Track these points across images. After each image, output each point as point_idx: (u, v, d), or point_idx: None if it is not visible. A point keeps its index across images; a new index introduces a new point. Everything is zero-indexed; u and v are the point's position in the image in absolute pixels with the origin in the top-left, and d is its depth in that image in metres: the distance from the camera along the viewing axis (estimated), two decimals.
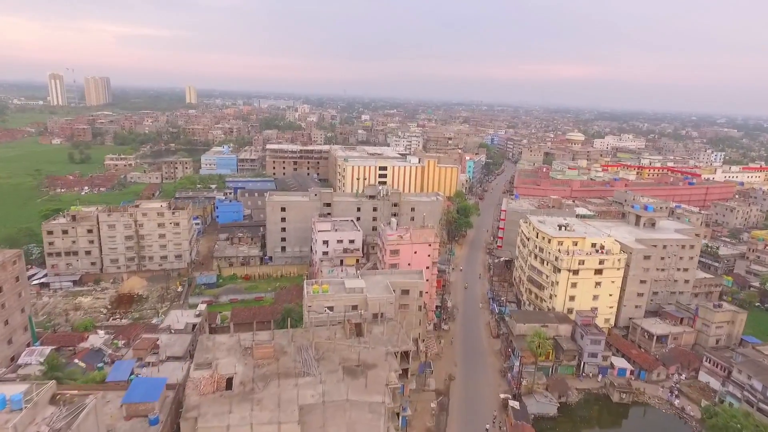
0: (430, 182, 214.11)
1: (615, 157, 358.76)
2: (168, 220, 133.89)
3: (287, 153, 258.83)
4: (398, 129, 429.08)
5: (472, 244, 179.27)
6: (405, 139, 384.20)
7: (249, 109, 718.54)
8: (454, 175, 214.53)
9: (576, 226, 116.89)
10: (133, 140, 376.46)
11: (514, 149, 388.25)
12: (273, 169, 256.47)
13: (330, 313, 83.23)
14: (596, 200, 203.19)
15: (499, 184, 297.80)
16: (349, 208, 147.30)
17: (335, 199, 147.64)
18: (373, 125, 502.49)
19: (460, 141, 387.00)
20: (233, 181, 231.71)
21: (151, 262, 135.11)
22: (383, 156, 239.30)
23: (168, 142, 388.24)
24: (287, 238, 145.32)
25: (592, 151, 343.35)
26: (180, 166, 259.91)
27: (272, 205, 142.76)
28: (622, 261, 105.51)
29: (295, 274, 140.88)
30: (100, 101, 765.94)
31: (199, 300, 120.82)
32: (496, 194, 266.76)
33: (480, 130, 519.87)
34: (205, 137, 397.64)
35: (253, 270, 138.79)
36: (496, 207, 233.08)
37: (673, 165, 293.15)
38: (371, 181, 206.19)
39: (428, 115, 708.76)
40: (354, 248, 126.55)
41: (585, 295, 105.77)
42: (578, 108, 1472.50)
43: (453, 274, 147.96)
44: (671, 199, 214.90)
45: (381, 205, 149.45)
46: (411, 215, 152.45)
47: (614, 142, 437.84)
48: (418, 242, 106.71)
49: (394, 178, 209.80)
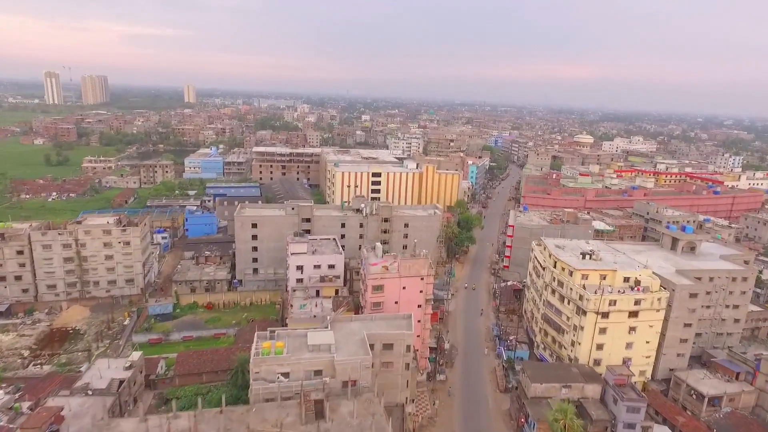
0: (428, 190, 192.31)
1: (627, 161, 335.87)
2: (116, 238, 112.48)
3: (275, 156, 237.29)
4: (398, 130, 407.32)
5: (475, 261, 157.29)
6: (405, 141, 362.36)
7: (247, 108, 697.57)
8: (455, 182, 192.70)
9: (603, 253, 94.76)
10: (119, 141, 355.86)
11: (520, 152, 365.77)
12: (260, 173, 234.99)
13: (284, 382, 61.72)
14: (613, 212, 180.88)
15: (504, 190, 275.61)
16: (332, 224, 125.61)
17: (316, 214, 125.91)
18: (373, 126, 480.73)
19: (463, 143, 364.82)
20: (214, 188, 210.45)
21: (96, 288, 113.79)
22: (378, 160, 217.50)
23: (156, 143, 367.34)
24: (260, 259, 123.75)
25: (602, 155, 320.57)
26: (160, 170, 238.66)
27: (241, 221, 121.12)
28: (663, 300, 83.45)
29: (267, 301, 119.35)
30: (98, 100, 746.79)
31: (146, 337, 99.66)
32: (501, 201, 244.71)
33: (483, 132, 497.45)
34: (195, 138, 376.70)
35: (217, 297, 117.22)
36: (501, 217, 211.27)
37: (692, 171, 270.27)
38: (363, 189, 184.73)
39: (430, 116, 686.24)
40: (334, 275, 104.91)
41: (616, 343, 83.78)
42: (582, 109, 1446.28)
43: (453, 300, 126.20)
44: (695, 209, 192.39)
45: (369, 221, 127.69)
46: (404, 232, 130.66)
47: (624, 144, 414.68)
48: (408, 275, 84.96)
49: (388, 185, 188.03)
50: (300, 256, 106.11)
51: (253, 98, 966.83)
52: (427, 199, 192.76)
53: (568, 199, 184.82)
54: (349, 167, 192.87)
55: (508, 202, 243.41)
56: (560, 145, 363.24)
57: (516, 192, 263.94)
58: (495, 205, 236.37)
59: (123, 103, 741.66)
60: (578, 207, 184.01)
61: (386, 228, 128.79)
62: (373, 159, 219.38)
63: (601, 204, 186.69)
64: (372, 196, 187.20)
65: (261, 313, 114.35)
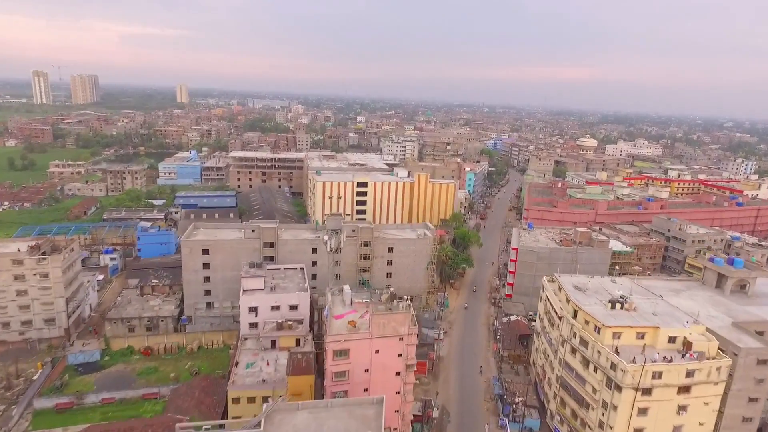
0: (421, 202, 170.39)
1: (633, 167, 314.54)
2: (30, 270, 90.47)
3: (254, 162, 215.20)
4: (393, 132, 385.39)
5: (473, 287, 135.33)
6: (399, 145, 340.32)
7: (240, 109, 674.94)
8: (450, 192, 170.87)
9: (638, 300, 72.99)
10: (97, 143, 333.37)
11: (520, 156, 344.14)
12: (237, 181, 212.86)
13: None
14: (628, 227, 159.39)
15: (504, 198, 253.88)
16: (302, 249, 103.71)
17: (282, 237, 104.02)
18: (366, 128, 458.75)
19: (460, 146, 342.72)
20: (184, 197, 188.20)
21: (6, 330, 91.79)
22: (366, 167, 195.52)
23: (137, 145, 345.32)
24: (214, 291, 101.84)
25: (608, 160, 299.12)
26: (129, 176, 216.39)
27: (190, 247, 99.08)
28: (723, 370, 61.83)
29: (220, 344, 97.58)
30: (87, 100, 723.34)
31: (53, 402, 77.65)
32: (501, 211, 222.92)
33: (482, 134, 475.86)
34: (178, 140, 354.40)
35: (158, 340, 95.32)
36: (501, 230, 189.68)
37: (706, 178, 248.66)
38: (347, 201, 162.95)
39: (427, 117, 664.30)
40: (296, 318, 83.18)
41: (660, 427, 62.12)
42: (581, 110, 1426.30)
43: (446, 339, 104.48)
44: (717, 223, 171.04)
45: (346, 245, 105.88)
46: (388, 258, 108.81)
47: (628, 148, 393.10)
48: (382, 336, 63.22)
49: (376, 196, 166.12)
50: (254, 295, 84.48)
51: (248, 98, 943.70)
52: (420, 212, 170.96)
53: (577, 213, 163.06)
54: (331, 176, 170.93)
55: (509, 213, 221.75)
56: (563, 149, 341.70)
57: (517, 201, 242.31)
58: (495, 216, 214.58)
59: (114, 103, 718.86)
60: (588, 221, 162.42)
61: (367, 253, 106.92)
62: (361, 166, 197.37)
63: (613, 218, 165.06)
64: (357, 208, 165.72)
65: (210, 361, 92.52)
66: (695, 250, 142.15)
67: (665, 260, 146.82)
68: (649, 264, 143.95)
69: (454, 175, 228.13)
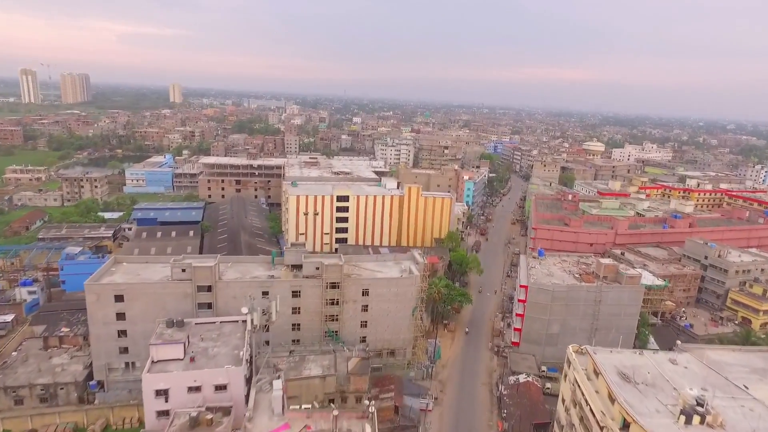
0: (412, 218, 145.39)
1: (644, 173, 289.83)
2: None
3: (227, 169, 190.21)
4: (388, 135, 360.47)
5: (471, 328, 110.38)
6: (393, 148, 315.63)
7: (233, 109, 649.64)
8: (446, 208, 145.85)
9: (720, 401, 48.04)
10: (71, 145, 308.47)
11: (523, 161, 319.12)
12: (208, 190, 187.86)
13: None
14: (653, 250, 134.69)
15: (507, 208, 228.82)
16: (249, 292, 78.89)
17: (224, 278, 79.30)
18: (361, 130, 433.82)
19: (458, 150, 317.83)
20: (143, 209, 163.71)
21: None
22: (352, 177, 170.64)
23: (115, 148, 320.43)
24: (132, 349, 77.18)
25: (618, 166, 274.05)
26: (88, 185, 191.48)
27: (97, 293, 74.36)
28: None
29: (135, 423, 72.74)
30: (78, 99, 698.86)
31: None
32: (504, 225, 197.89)
33: (481, 136, 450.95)
34: (159, 142, 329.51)
35: (47, 421, 70.59)
36: (504, 249, 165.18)
37: (728, 187, 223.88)
38: (326, 218, 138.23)
39: (425, 118, 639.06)
40: (223, 405, 58.39)
41: None
42: (581, 111, 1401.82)
43: (437, 410, 79.71)
44: (752, 243, 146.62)
45: (305, 288, 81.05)
46: (363, 302, 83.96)
47: (636, 152, 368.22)
48: None
49: (360, 212, 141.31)
50: (163, 372, 59.75)
51: (244, 98, 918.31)
52: (411, 231, 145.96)
53: (594, 233, 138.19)
54: (309, 188, 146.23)
55: (512, 227, 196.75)
56: (568, 154, 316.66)
57: (521, 212, 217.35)
58: (496, 230, 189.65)
59: (106, 103, 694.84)
60: (607, 243, 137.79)
61: (336, 297, 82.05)
62: (346, 175, 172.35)
63: (636, 239, 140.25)
64: (338, 226, 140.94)
65: None
66: (739, 281, 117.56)
67: (701, 292, 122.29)
68: (683, 298, 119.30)
69: (451, 184, 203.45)
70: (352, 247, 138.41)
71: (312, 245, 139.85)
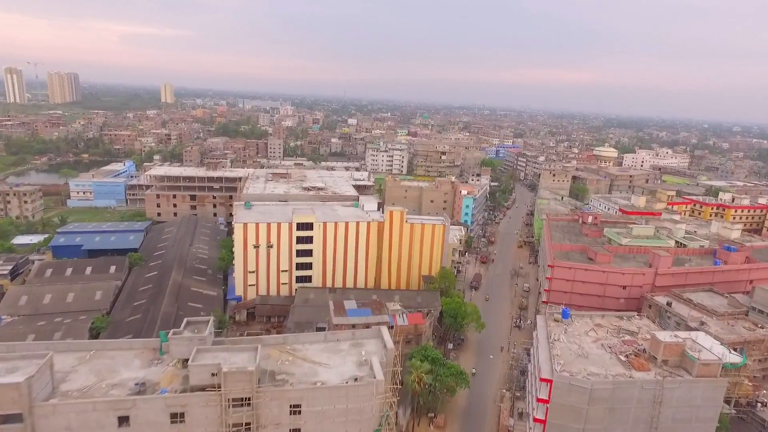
0: (395, 251, 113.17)
1: (662, 182, 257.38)
2: None
3: (181, 182, 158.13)
4: (381, 138, 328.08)
5: (467, 420, 78.14)
6: (386, 154, 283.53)
7: (224, 110, 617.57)
8: (438, 237, 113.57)
9: None
10: (31, 149, 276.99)
11: (528, 168, 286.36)
12: (157, 208, 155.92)
13: None
14: (706, 297, 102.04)
15: (512, 225, 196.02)
16: (92, 423, 46.53)
17: (53, 399, 47.11)
18: (355, 132, 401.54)
19: (457, 156, 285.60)
20: (68, 233, 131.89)
21: None
22: (325, 194, 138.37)
23: (81, 152, 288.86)
24: None
25: (636, 176, 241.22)
26: (16, 199, 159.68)
27: None
28: None
29: None
30: (66, 99, 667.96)
31: None
32: (508, 249, 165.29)
33: (482, 140, 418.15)
34: (131, 145, 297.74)
35: None
36: (511, 281, 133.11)
37: None
38: (282, 251, 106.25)
39: (424, 120, 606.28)
40: None
41: None
42: (583, 113, 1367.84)
43: None
44: None
45: (198, 407, 48.75)
46: (292, 426, 51.59)
47: (650, 158, 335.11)
48: None
49: (327, 244, 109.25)
50: None
51: (239, 99, 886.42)
52: (392, 268, 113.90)
53: (629, 273, 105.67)
54: (264, 212, 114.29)
55: (519, 251, 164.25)
56: (578, 160, 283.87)
57: (528, 231, 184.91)
58: (501, 255, 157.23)
59: (95, 103, 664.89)
60: (645, 286, 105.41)
61: (245, 422, 49.75)
62: (318, 190, 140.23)
63: (680, 280, 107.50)
64: (298, 261, 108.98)
65: None
66: None
67: None
68: (758, 370, 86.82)
69: (446, 199, 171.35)
70: (315, 291, 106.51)
71: (266, 287, 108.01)
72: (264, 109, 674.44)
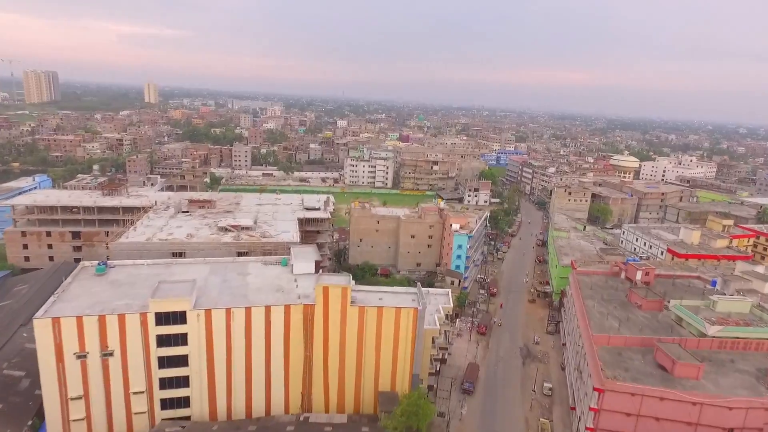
0: (333, 358, 66.46)
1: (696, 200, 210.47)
2: None
3: (59, 213, 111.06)
4: (365, 145, 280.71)
5: None
6: (368, 164, 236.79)
7: (206, 110, 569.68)
8: (405, 329, 67.07)
9: None
10: None
11: (534, 180, 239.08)
12: (23, 250, 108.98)
13: None
14: None
15: (518, 262, 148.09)
16: None
17: None
18: (342, 135, 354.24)
19: (451, 167, 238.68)
20: None
21: None
22: (245, 238, 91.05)
23: (12, 160, 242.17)
24: None
25: (669, 193, 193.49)
26: None
27: None
28: None
29: None
30: (43, 98, 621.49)
31: None
32: (516, 303, 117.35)
33: (482, 144, 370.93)
34: (73, 152, 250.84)
35: None
36: (522, 369, 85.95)
37: None
38: (135, 363, 59.17)
39: (419, 122, 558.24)
40: None
41: None
42: (584, 114, 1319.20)
43: None
44: None
45: None
46: None
47: (672, 167, 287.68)
48: None
49: (215, 346, 62.32)
50: None
51: (229, 99, 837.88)
52: (329, 384, 66.92)
53: (736, 407, 58.54)
54: (113, 288, 67.42)
55: (531, 308, 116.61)
56: (595, 172, 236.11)
57: (541, 272, 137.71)
58: (506, 319, 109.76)
59: (74, 103, 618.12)
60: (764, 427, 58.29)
61: None
62: (241, 231, 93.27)
63: None
64: (164, 375, 62.05)
65: None
66: None
67: None
68: None
69: (433, 234, 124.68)
70: (195, 427, 59.75)
71: (105, 423, 61.31)
72: (250, 110, 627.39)
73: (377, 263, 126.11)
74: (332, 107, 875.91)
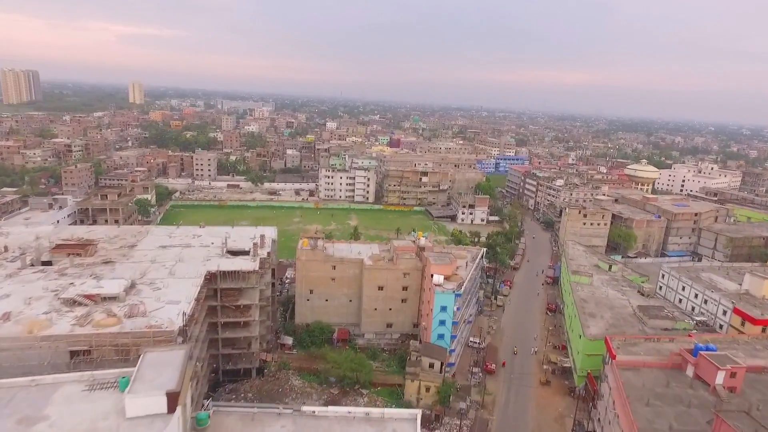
0: None
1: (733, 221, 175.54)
2: None
3: None
4: (348, 151, 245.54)
5: None
6: (346, 175, 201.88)
7: (190, 111, 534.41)
8: None
9: None
10: None
11: (539, 194, 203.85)
12: None
13: None
14: None
15: (522, 308, 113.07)
16: None
17: None
18: (323, 140, 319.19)
19: (444, 178, 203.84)
20: None
21: None
22: (104, 326, 56.17)
23: None
24: None
25: (702, 213, 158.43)
26: None
27: None
28: None
29: None
30: (23, 98, 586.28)
31: None
32: (522, 387, 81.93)
33: (479, 149, 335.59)
34: (11, 161, 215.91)
35: None
36: None
37: None
38: None
39: (414, 124, 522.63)
40: None
41: None
42: (584, 115, 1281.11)
43: None
44: None
45: None
46: None
47: (691, 176, 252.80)
48: None
49: None
50: None
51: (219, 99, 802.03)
52: None
53: None
54: None
55: (543, 393, 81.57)
56: (610, 185, 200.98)
57: (553, 330, 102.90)
58: (512, 409, 75.02)
59: (55, 103, 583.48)
60: None
61: None
62: (102, 303, 58.99)
63: None
64: None
65: None
66: None
67: None
68: None
69: (408, 285, 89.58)
70: None
71: None
72: (239, 111, 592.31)
73: (333, 322, 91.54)
74: (327, 108, 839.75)
